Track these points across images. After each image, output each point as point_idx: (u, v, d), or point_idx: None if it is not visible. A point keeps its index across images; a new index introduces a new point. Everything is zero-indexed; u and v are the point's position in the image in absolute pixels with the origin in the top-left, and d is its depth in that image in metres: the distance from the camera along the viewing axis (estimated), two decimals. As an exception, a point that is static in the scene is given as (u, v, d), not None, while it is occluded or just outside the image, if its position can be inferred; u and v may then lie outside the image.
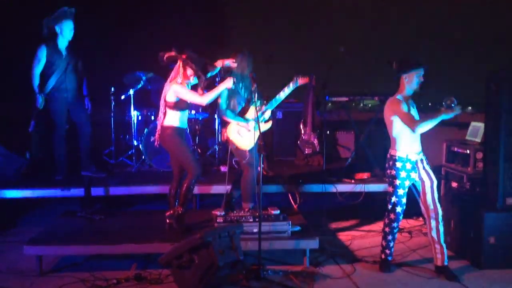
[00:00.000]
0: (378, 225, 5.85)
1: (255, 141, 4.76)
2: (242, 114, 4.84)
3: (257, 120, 4.46)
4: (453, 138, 5.81)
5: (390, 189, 4.33)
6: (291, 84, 4.86)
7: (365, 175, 5.89)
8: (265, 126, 4.87)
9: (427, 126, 4.06)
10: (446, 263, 4.32)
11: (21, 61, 5.78)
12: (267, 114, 4.94)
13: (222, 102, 4.75)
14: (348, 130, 7.45)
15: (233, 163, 5.64)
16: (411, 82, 4.18)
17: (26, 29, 6.37)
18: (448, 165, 5.66)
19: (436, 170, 5.10)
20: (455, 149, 5.49)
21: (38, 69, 5.54)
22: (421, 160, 4.28)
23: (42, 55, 5.53)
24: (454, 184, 5.43)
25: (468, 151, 5.24)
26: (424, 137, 4.29)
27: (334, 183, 5.68)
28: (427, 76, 4.24)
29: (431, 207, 4.28)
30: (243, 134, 4.79)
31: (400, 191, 4.27)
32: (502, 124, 4.45)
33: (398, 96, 4.22)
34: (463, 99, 4.40)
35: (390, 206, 4.34)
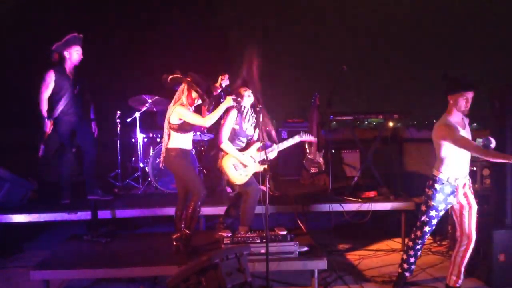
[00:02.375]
0: (386, 244, 5.81)
1: (249, 177, 4.75)
2: (242, 149, 4.82)
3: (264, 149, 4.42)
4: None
5: (423, 207, 4.21)
6: (296, 137, 4.89)
7: (371, 194, 5.87)
8: (261, 167, 4.72)
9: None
10: (458, 285, 4.26)
11: (29, 87, 5.86)
12: (272, 154, 4.92)
13: (225, 133, 4.71)
14: (353, 148, 7.45)
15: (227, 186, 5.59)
16: (456, 104, 4.00)
17: (34, 55, 6.49)
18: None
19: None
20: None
21: (46, 93, 5.61)
22: (464, 183, 4.14)
23: (51, 79, 5.60)
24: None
25: (474, 168, 5.21)
26: (431, 154, 4.27)
27: (340, 202, 5.66)
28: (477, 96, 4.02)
29: (466, 232, 4.19)
30: (238, 168, 4.76)
31: (433, 213, 4.15)
32: (507, 140, 4.45)
33: (447, 121, 4.01)
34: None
35: (418, 224, 4.25)
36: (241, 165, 4.76)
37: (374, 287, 4.54)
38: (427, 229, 4.22)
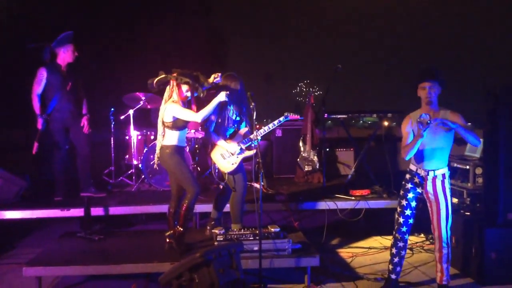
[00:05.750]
0: (379, 242, 5.83)
1: (237, 166, 4.79)
2: (230, 137, 4.87)
3: (255, 138, 4.48)
4: (452, 154, 5.80)
5: (398, 198, 4.38)
6: (281, 118, 4.96)
7: (365, 192, 5.89)
8: (249, 153, 4.85)
9: (409, 151, 4.09)
10: (445, 282, 4.24)
11: (22, 86, 5.84)
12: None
13: (209, 124, 4.79)
14: (347, 147, 7.48)
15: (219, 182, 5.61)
16: (421, 96, 4.14)
17: (26, 54, 6.46)
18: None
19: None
20: (455, 164, 5.49)
21: (38, 90, 5.59)
22: (434, 177, 4.17)
23: (42, 76, 5.58)
24: (454, 200, 5.42)
25: (467, 167, 5.24)
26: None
27: (334, 200, 5.67)
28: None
29: (435, 227, 4.23)
30: (226, 157, 4.81)
31: (403, 202, 4.28)
32: (500, 139, 4.47)
33: (409, 114, 4.24)
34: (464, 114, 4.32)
35: (396, 216, 4.36)
36: (227, 153, 4.80)
37: (367, 284, 4.56)
38: (401, 220, 4.29)
